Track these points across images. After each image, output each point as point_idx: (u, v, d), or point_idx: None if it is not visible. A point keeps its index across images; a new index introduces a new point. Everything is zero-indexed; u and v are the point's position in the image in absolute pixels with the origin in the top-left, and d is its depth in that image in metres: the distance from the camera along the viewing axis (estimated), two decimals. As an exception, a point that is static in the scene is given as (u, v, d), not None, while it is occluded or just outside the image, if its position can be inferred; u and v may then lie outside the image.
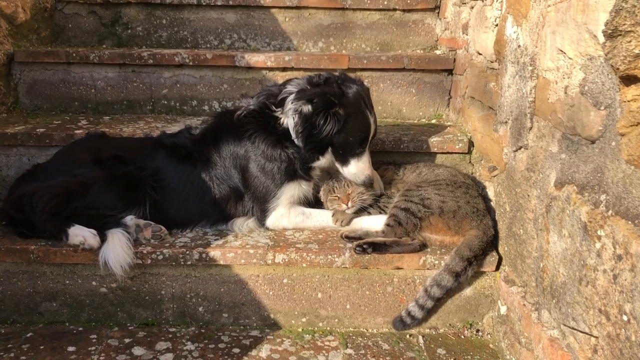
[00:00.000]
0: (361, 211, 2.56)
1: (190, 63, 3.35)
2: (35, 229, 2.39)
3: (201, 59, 3.35)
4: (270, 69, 3.38)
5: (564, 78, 1.82)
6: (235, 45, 3.77)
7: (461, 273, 2.29)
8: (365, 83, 3.29)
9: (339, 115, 2.41)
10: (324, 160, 2.54)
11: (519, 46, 2.21)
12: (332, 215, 2.56)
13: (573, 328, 1.75)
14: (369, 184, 2.52)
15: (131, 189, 2.47)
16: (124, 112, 3.45)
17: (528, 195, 2.12)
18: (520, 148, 2.20)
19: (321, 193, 2.62)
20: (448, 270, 2.29)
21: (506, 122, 2.35)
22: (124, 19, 3.73)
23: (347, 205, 2.51)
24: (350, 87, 2.50)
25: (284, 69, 3.38)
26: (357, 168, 2.50)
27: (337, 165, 2.55)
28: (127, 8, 3.71)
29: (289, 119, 2.47)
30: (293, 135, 2.47)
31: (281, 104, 2.50)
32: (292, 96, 2.46)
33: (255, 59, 3.34)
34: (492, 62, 2.72)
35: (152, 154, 2.59)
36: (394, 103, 3.49)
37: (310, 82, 2.52)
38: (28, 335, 2.34)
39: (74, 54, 3.34)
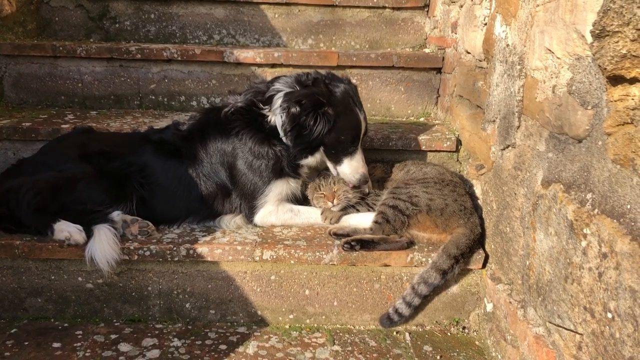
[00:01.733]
0: (350, 209, 2.56)
1: (179, 58, 3.33)
2: (20, 224, 2.36)
3: (190, 54, 3.33)
4: (260, 65, 3.37)
5: (552, 77, 1.83)
6: (224, 41, 3.75)
7: (448, 270, 2.30)
8: (354, 81, 3.31)
9: (328, 115, 2.41)
10: (313, 159, 2.53)
11: (508, 45, 2.22)
12: (321, 213, 2.56)
13: (558, 325, 1.77)
14: (364, 183, 2.52)
15: (118, 184, 2.45)
16: (111, 107, 3.43)
17: (515, 194, 2.13)
18: (507, 147, 2.22)
19: (308, 190, 2.62)
20: (435, 268, 2.30)
21: (494, 121, 2.36)
22: (111, 12, 3.69)
23: (332, 202, 2.51)
24: (338, 86, 2.49)
25: (273, 65, 3.37)
26: (351, 167, 2.50)
27: (330, 165, 2.55)
28: (115, 2, 3.67)
29: (276, 117, 2.47)
30: (281, 134, 2.47)
31: (269, 101, 2.49)
32: (280, 94, 2.46)
33: (244, 55, 3.33)
34: (480, 61, 2.73)
35: (139, 149, 2.57)
36: (382, 101, 3.49)
37: (298, 81, 2.51)
38: (12, 331, 2.31)
39: (61, 48, 3.30)
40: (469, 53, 2.93)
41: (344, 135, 2.45)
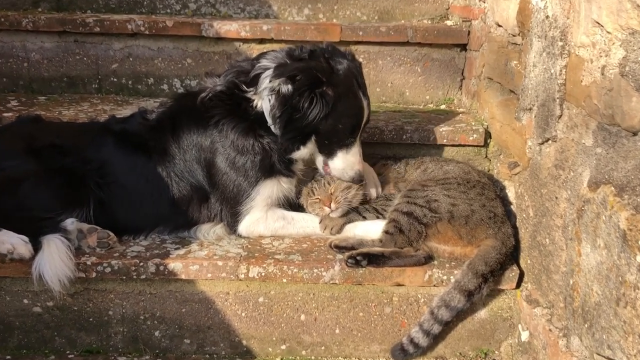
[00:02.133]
0: (355, 215, 2.57)
1: (147, 32, 3.33)
2: (-48, 234, 2.37)
3: (160, 27, 3.32)
4: (245, 40, 3.37)
5: (600, 56, 1.83)
6: (202, 11, 3.74)
7: (475, 291, 2.30)
8: (361, 59, 3.30)
9: (327, 97, 2.41)
10: (306, 151, 2.53)
11: (547, 17, 2.23)
12: (320, 222, 2.56)
13: (608, 358, 1.77)
14: (358, 181, 2.53)
15: (72, 185, 2.45)
16: (64, 92, 3.42)
17: (556, 198, 2.14)
18: (547, 140, 2.22)
19: (302, 198, 2.62)
20: (459, 288, 2.30)
21: (530, 109, 2.37)
22: (64, -24, 3.70)
23: (329, 207, 2.51)
24: (341, 63, 2.50)
25: (261, 41, 3.37)
26: (346, 162, 2.51)
27: (319, 159, 2.56)
28: (68, -37, 3.68)
29: (263, 101, 2.47)
30: (269, 121, 2.47)
31: (254, 82, 2.48)
32: (268, 72, 2.45)
33: (227, 27, 3.33)
34: (514, 36, 2.74)
35: (98, 142, 2.57)
36: (395, 84, 3.50)
37: (290, 55, 2.51)
38: (-58, 365, 2.31)
39: (2, 19, 3.29)
40: (500, 26, 2.93)
41: (342, 124, 2.46)
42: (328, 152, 2.52)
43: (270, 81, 2.42)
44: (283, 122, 2.42)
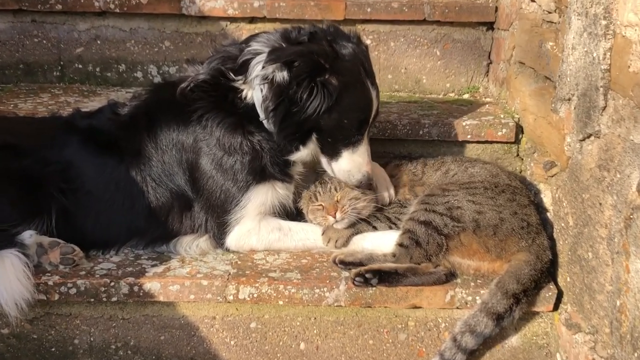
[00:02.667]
0: (363, 225, 2.57)
1: (117, 10, 3.34)
2: None
3: (132, 4, 3.34)
4: (233, 19, 3.39)
5: (651, 37, 1.84)
6: (182, -15, 3.77)
7: (505, 315, 2.30)
8: (369, 41, 3.32)
9: (330, 87, 2.41)
10: (306, 152, 2.54)
11: (589, -9, 2.23)
12: (323, 233, 2.57)
13: (662, 393, 1.77)
14: (367, 185, 2.53)
15: (30, 192, 2.45)
16: (20, 81, 3.44)
17: (600, 204, 2.14)
18: (589, 136, 2.22)
19: (301, 202, 2.63)
20: (486, 311, 2.30)
21: (569, 99, 2.37)
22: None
23: (334, 217, 2.51)
24: (345, 47, 2.50)
25: (252, 20, 3.39)
26: (352, 163, 2.51)
27: (323, 159, 2.56)
28: None
29: (254, 92, 2.47)
30: (261, 116, 2.47)
31: (243, 69, 2.49)
32: (259, 58, 2.44)
33: (211, 4, 3.34)
34: (549, 12, 2.75)
35: (60, 141, 2.58)
36: (410, 70, 3.51)
37: (286, 37, 2.50)
38: None
39: (-53, -4, 3.32)
40: (533, 1, 2.94)
41: (348, 119, 2.46)
42: (332, 151, 2.53)
43: (262, 68, 2.42)
44: (279, 116, 2.42)
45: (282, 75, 2.39)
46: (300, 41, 2.48)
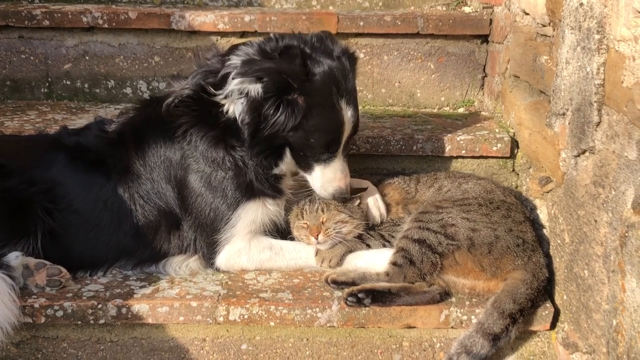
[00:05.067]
0: (356, 243, 2.57)
1: (105, 25, 3.35)
2: None
3: (121, 19, 3.35)
4: (224, 33, 3.40)
5: (644, 52, 1.85)
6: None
7: (501, 335, 2.29)
8: (362, 54, 3.33)
9: (296, 106, 2.41)
10: (284, 167, 2.55)
11: (582, 4, 2.24)
12: (316, 254, 2.56)
13: (660, 415, 1.77)
14: (340, 199, 2.53)
15: (16, 212, 2.45)
16: (7, 98, 3.45)
17: (595, 221, 2.14)
18: (583, 152, 2.23)
19: (290, 216, 2.64)
20: (482, 331, 2.30)
21: (564, 114, 2.38)
22: (6, -41, 3.73)
23: (316, 238, 2.51)
24: (320, 64, 2.47)
25: (243, 34, 3.39)
26: (324, 178, 2.52)
27: (300, 171, 2.58)
28: (11, -57, 3.71)
29: (235, 106, 2.47)
30: (244, 130, 2.47)
31: (223, 83, 2.47)
32: (235, 71, 2.45)
33: (202, 19, 3.35)
34: (543, 26, 2.76)
35: (47, 160, 2.57)
36: (403, 84, 3.51)
37: (262, 50, 2.50)
38: None
39: None
40: (527, 14, 2.95)
41: (315, 139, 2.45)
42: (305, 165, 2.54)
43: (236, 81, 2.40)
44: (250, 131, 2.43)
45: (256, 89, 2.38)
46: (272, 57, 2.46)
